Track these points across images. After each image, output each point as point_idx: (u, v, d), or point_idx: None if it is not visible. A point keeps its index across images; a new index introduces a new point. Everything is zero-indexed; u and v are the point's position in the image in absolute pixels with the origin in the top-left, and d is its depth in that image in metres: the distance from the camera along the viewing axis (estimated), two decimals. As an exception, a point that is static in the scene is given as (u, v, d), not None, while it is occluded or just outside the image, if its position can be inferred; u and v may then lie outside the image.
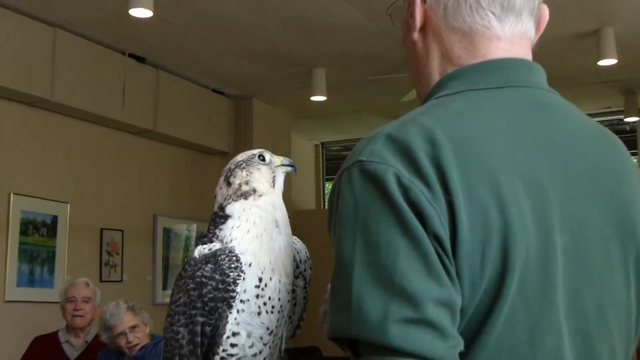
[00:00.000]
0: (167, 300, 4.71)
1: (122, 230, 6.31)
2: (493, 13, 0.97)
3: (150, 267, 6.67)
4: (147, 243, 6.65)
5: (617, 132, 6.85)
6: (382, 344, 0.79)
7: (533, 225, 0.86)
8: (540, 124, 0.95)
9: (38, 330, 4.23)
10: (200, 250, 1.08)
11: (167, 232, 6.86)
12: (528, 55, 1.01)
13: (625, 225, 0.96)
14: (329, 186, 9.83)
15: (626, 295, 0.96)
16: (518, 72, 0.99)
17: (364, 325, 0.80)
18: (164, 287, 6.73)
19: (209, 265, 1.04)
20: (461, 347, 0.81)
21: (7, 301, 5.24)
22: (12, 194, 5.32)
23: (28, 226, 5.46)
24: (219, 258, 1.04)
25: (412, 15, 1.02)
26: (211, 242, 1.08)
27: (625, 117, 7.92)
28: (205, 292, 1.03)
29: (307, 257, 1.15)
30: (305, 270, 1.14)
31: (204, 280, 1.04)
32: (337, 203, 0.88)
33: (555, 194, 0.90)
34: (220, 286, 1.03)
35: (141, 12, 4.60)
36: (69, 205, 5.77)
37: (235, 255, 1.05)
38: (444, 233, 0.82)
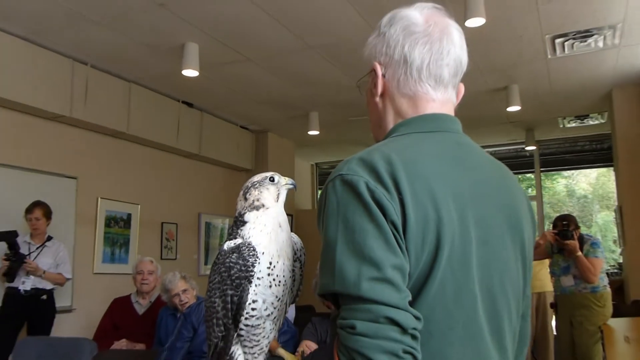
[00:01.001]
0: (208, 272, 4.71)
1: (176, 224, 6.30)
2: (429, 85, 1.02)
3: (196, 249, 6.66)
4: (193, 232, 6.63)
5: (520, 157, 6.86)
6: (356, 295, 0.82)
7: (457, 220, 0.90)
8: (459, 155, 0.99)
9: (116, 294, 4.21)
10: (228, 245, 1.08)
11: (207, 225, 6.85)
12: (451, 112, 1.05)
13: (514, 225, 1.01)
14: (320, 192, 9.84)
15: (516, 272, 1.00)
16: (445, 122, 1.03)
17: (344, 283, 0.83)
18: (205, 263, 6.73)
19: (235, 254, 1.05)
20: (410, 299, 0.84)
21: (95, 273, 5.24)
22: (99, 198, 5.32)
23: (110, 221, 5.45)
24: (241, 249, 1.05)
25: (375, 85, 1.05)
26: (235, 238, 1.08)
27: (525, 147, 7.95)
28: (233, 273, 1.04)
29: (302, 247, 1.15)
30: (300, 256, 1.14)
31: (231, 264, 1.04)
32: (325, 203, 0.90)
33: (470, 201, 0.94)
34: (242, 268, 1.03)
35: (190, 72, 4.61)
36: (139, 206, 5.77)
37: (253, 247, 1.05)
38: (398, 221, 0.86)
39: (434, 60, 1.00)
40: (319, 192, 9.80)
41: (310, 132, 6.67)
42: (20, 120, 4.66)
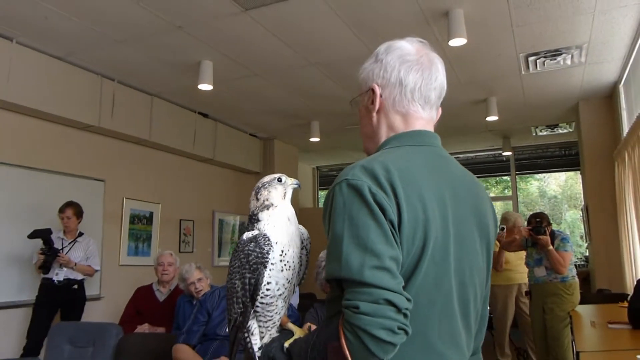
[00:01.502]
0: (222, 263, 4.78)
1: (193, 221, 6.29)
2: (420, 105, 1.08)
3: (210, 243, 6.64)
4: (208, 228, 6.62)
5: (497, 161, 6.86)
6: (360, 281, 0.86)
7: (439, 221, 0.96)
8: (440, 166, 1.05)
9: (139, 283, 4.21)
10: (246, 235, 1.10)
11: (220, 221, 6.84)
12: (432, 130, 1.11)
13: (482, 225, 1.07)
14: (321, 192, 9.83)
15: (482, 265, 1.07)
16: (430, 138, 1.09)
17: (350, 270, 0.87)
18: (219, 256, 6.72)
19: (252, 243, 1.07)
20: (402, 284, 0.89)
21: (121, 265, 5.23)
22: (124, 198, 5.32)
23: (134, 218, 5.45)
24: (258, 239, 1.07)
25: (372, 103, 1.10)
26: (253, 230, 1.11)
27: (503, 152, 7.95)
28: (251, 259, 1.06)
29: (308, 237, 1.17)
30: (307, 245, 1.16)
31: (249, 252, 1.07)
32: (332, 203, 0.94)
33: (449, 205, 0.99)
34: (259, 255, 1.06)
35: (205, 87, 4.61)
36: (160, 205, 5.76)
37: (268, 237, 1.08)
38: (395, 220, 0.91)
39: (424, 84, 1.07)
40: (320, 192, 9.80)
41: (312, 139, 6.67)
42: (54, 130, 4.66)
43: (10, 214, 4.22)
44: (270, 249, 1.06)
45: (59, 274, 4.12)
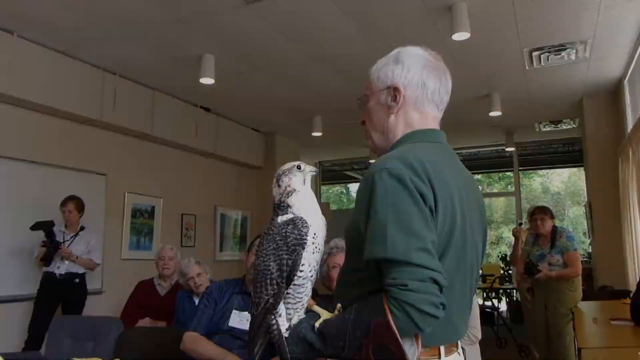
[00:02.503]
0: (223, 258, 4.72)
1: (194, 215, 6.30)
2: (436, 106, 1.20)
3: (212, 238, 6.65)
4: (210, 223, 6.63)
5: (500, 157, 6.82)
6: (406, 261, 0.94)
7: (459, 211, 1.07)
8: (453, 161, 1.17)
9: (141, 277, 4.20)
10: (281, 218, 1.14)
11: (222, 216, 6.84)
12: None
13: (481, 216, 1.20)
14: (323, 187, 9.83)
15: (481, 251, 1.20)
16: (441, 136, 1.20)
17: (396, 251, 0.95)
18: (221, 250, 6.73)
19: (290, 225, 1.11)
20: (440, 265, 0.97)
21: (123, 259, 5.25)
22: (126, 193, 5.33)
23: (136, 212, 5.45)
24: (296, 222, 1.12)
25: (395, 100, 1.18)
26: (285, 214, 1.15)
27: (506, 148, 7.94)
28: (289, 241, 1.10)
29: (325, 222, 1.21)
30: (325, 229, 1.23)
31: (287, 234, 1.10)
32: (373, 189, 1.01)
33: (464, 197, 1.10)
34: (298, 237, 1.10)
35: (207, 81, 4.60)
36: (162, 199, 5.77)
37: (305, 220, 1.12)
38: (433, 208, 1.00)
39: (442, 88, 1.19)
40: (322, 187, 9.78)
41: (314, 134, 6.66)
42: (56, 124, 4.65)
43: (12, 208, 4.23)
44: (308, 231, 1.11)
45: (60, 267, 4.12)
